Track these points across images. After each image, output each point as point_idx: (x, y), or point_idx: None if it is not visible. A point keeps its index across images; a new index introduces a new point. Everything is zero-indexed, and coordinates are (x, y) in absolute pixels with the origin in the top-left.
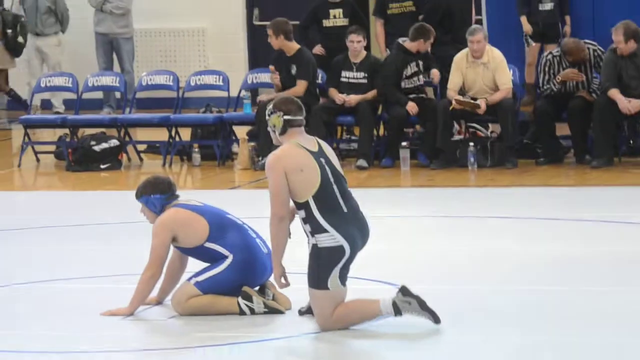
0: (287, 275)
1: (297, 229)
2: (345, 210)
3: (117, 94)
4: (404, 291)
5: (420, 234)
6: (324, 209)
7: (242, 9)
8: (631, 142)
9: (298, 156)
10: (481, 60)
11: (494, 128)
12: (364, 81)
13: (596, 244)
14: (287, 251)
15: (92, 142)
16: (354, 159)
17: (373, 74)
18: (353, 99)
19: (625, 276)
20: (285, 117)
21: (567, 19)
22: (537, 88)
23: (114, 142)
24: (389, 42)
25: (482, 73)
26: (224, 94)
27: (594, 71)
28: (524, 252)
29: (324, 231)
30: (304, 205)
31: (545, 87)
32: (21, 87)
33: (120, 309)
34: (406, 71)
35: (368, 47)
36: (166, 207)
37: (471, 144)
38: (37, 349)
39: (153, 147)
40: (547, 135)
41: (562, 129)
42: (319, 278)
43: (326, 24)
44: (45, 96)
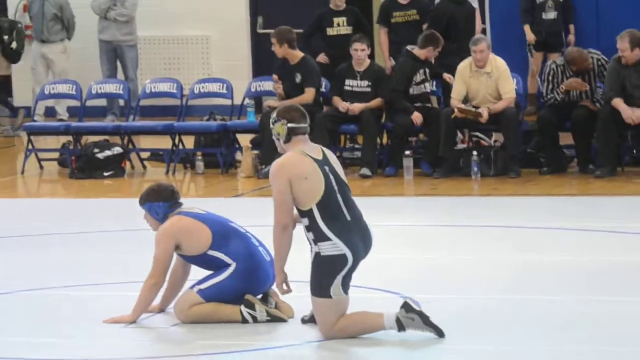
0: (290, 282)
1: (299, 237)
2: (348, 218)
3: (121, 102)
4: (407, 307)
5: (423, 242)
6: (328, 217)
7: (245, 16)
8: (635, 151)
9: (302, 164)
10: (484, 69)
11: (498, 137)
12: (368, 89)
13: (600, 253)
14: (289, 259)
15: (96, 150)
16: (357, 168)
17: (377, 82)
18: (357, 107)
19: (630, 286)
20: (289, 125)
21: (571, 28)
22: (540, 97)
23: (117, 150)
24: (393, 50)
25: (486, 82)
26: (227, 101)
27: (597, 81)
28: (527, 261)
29: (327, 239)
30: (307, 213)
31: (549, 97)
32: (26, 94)
33: (123, 316)
34: (415, 78)
35: (372, 56)
36: (169, 215)
37: (474, 153)
38: (39, 356)
39: (156, 155)
40: (550, 144)
41: (566, 138)
42: (321, 286)
43: (330, 32)
44: (50, 103)
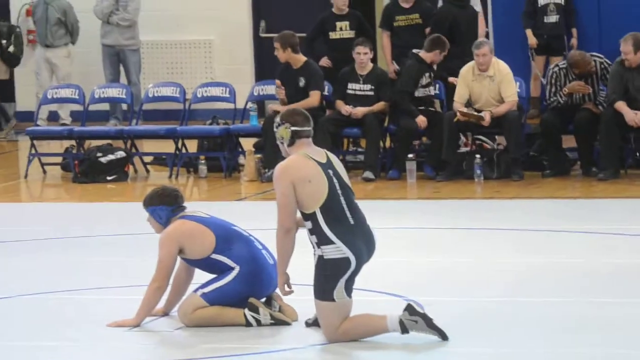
0: (292, 285)
1: (303, 240)
2: (351, 222)
3: (124, 106)
4: (410, 310)
5: (426, 245)
6: (331, 221)
7: (248, 21)
8: (637, 154)
9: (306, 167)
10: (487, 73)
11: (500, 140)
12: (371, 93)
13: (603, 256)
14: (292, 262)
15: (99, 154)
16: (360, 171)
17: (379, 86)
18: (359, 110)
19: (632, 288)
20: (292, 128)
21: (574, 31)
22: (542, 100)
23: (120, 154)
24: (396, 54)
25: (488, 86)
26: (230, 105)
27: (600, 83)
28: (530, 264)
29: (330, 243)
30: (310, 217)
31: (551, 100)
32: (29, 98)
33: (126, 320)
34: (421, 81)
35: (375, 60)
36: (172, 219)
37: (477, 156)
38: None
39: (159, 159)
40: (553, 147)
41: (569, 141)
42: (324, 289)
43: (333, 36)
44: (53, 108)
